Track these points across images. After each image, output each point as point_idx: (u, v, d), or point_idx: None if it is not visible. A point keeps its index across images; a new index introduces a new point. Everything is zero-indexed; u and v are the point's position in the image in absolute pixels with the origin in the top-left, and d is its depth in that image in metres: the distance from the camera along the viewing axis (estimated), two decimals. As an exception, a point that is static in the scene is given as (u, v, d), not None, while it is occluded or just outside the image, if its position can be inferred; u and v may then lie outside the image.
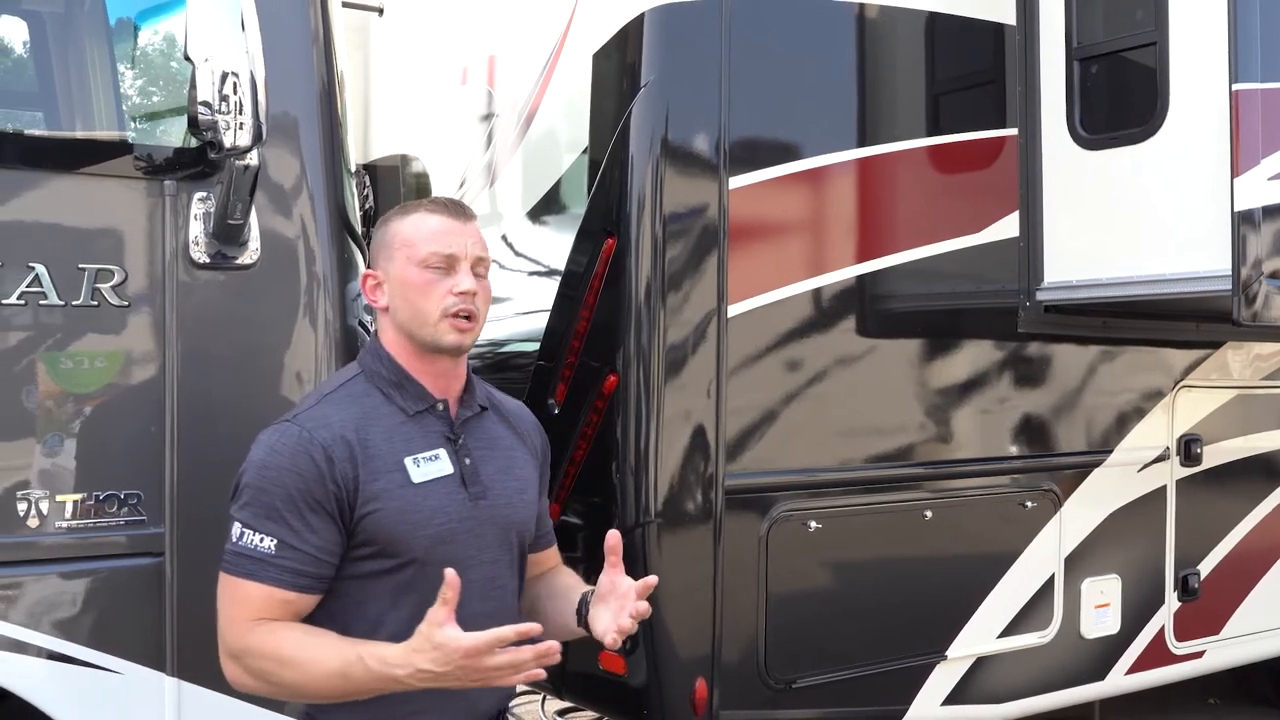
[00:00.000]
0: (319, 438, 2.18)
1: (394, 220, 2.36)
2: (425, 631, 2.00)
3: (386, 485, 2.20)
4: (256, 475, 2.17)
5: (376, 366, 2.32)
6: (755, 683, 3.79)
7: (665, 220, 3.64)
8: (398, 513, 2.20)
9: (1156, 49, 4.10)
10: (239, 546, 2.16)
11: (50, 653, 2.75)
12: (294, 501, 2.14)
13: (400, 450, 2.24)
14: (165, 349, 2.86)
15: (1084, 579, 4.58)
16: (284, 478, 2.15)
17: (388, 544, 2.20)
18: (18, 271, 2.71)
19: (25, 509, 2.74)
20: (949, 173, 4.25)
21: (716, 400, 3.69)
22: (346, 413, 2.24)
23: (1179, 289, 4.08)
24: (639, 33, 3.69)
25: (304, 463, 2.16)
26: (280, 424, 2.24)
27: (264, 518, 2.15)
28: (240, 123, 2.61)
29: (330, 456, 2.17)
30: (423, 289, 2.28)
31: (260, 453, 2.20)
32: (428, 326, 2.28)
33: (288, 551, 2.14)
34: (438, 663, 1.99)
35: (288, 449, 2.17)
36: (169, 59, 3.33)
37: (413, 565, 2.21)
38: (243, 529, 2.16)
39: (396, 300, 2.31)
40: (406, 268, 2.30)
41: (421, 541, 2.21)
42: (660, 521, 3.63)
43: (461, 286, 2.28)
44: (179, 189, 2.87)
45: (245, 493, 2.18)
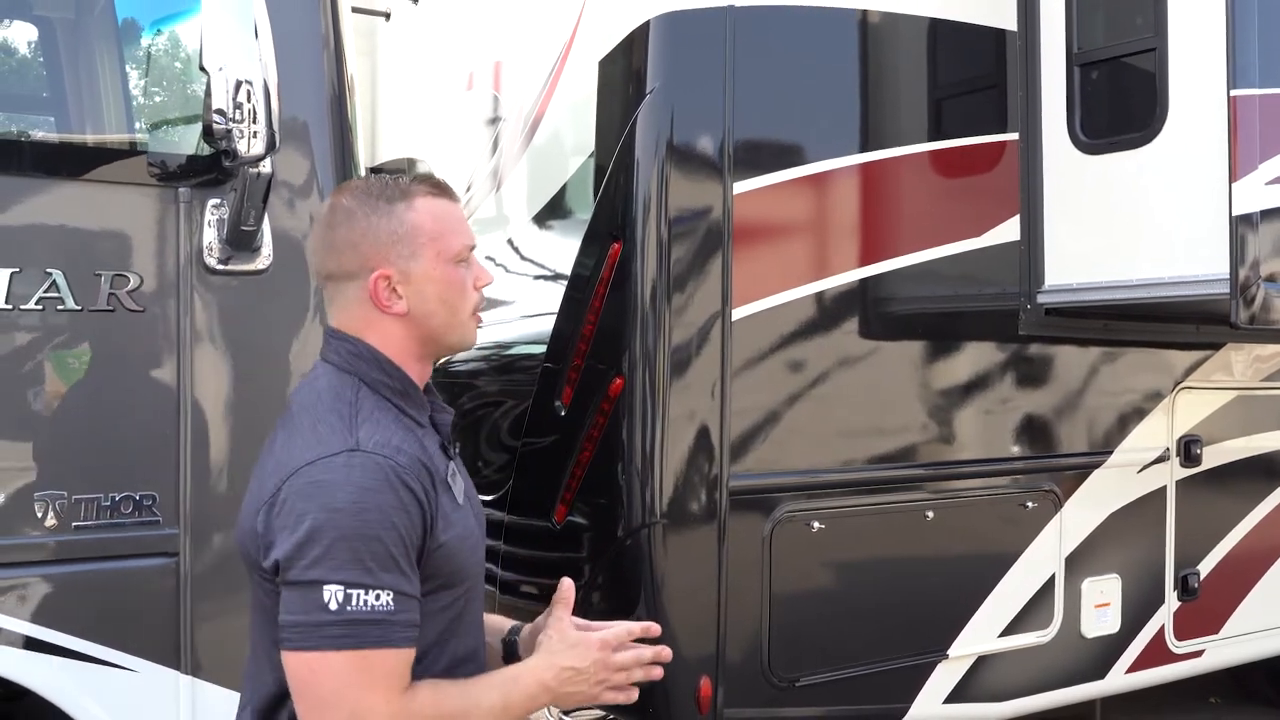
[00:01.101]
0: (403, 464, 1.85)
1: (399, 208, 1.97)
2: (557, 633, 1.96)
3: (445, 509, 1.92)
4: (353, 521, 1.78)
5: (378, 375, 1.96)
6: (759, 681, 3.83)
7: (671, 224, 3.68)
8: (459, 539, 1.95)
9: (1156, 54, 4.13)
10: (351, 613, 1.75)
11: (67, 651, 2.79)
12: (404, 543, 1.81)
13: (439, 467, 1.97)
14: (179, 353, 2.90)
15: (1084, 579, 4.62)
16: (391, 517, 1.80)
17: (451, 575, 1.94)
18: (36, 277, 2.75)
19: (42, 510, 2.77)
20: (951, 177, 4.29)
21: (721, 402, 3.73)
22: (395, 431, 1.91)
23: (1178, 292, 4.12)
24: (644, 40, 3.73)
25: (405, 496, 1.82)
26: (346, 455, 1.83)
27: (379, 570, 1.78)
28: (254, 131, 2.65)
29: (422, 485, 1.86)
30: (461, 288, 2.00)
31: (342, 495, 1.79)
32: (459, 328, 2.02)
33: (406, 602, 1.81)
34: (579, 658, 1.94)
35: (383, 483, 1.81)
36: (183, 67, 3.37)
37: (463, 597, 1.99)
38: (347, 590, 1.76)
39: (430, 303, 1.97)
40: (441, 266, 1.97)
41: (474, 567, 2.01)
42: (665, 522, 3.67)
43: (485, 279, 2.04)
44: (193, 196, 2.91)
45: (337, 547, 1.76)
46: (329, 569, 1.76)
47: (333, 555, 1.76)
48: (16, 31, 3.54)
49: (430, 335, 2.01)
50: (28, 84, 3.63)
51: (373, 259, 1.96)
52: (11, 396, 2.76)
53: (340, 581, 1.76)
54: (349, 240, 1.97)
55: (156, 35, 3.48)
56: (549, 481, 3.88)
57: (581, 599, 3.79)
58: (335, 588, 1.75)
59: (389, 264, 1.96)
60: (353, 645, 1.76)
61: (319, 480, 1.81)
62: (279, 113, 2.70)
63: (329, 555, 1.76)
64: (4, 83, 3.58)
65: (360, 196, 2.00)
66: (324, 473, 1.81)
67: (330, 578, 1.76)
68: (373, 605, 1.76)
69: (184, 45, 3.34)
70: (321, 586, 1.76)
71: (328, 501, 1.79)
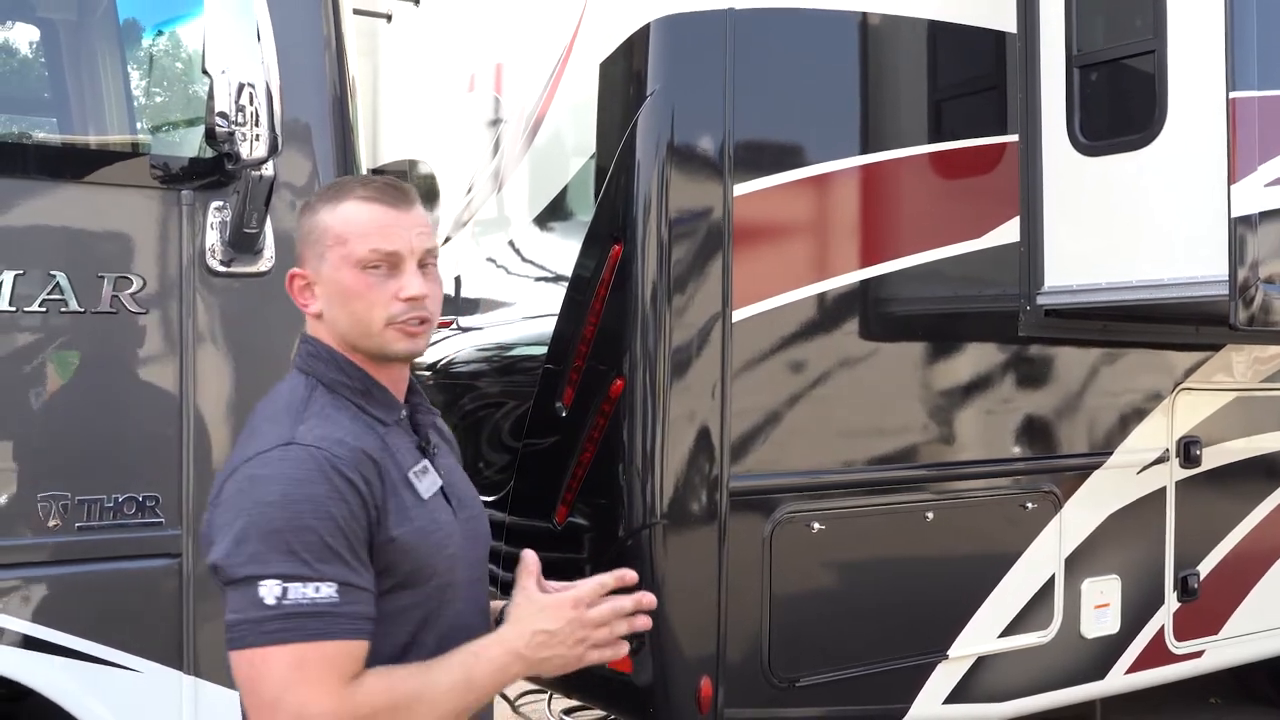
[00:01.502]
0: (342, 455, 1.81)
1: (321, 210, 1.95)
2: (523, 598, 1.92)
3: (402, 504, 1.88)
4: (282, 514, 1.74)
5: (336, 375, 1.93)
6: (759, 681, 3.84)
7: (671, 225, 3.70)
8: (420, 533, 1.89)
9: (1155, 57, 4.15)
10: (287, 607, 1.71)
11: (70, 651, 2.80)
12: (343, 532, 1.76)
13: (400, 463, 1.92)
14: (182, 355, 2.91)
15: (1084, 579, 4.63)
16: (325, 506, 1.75)
17: (411, 573, 1.88)
18: (40, 279, 2.77)
19: (46, 511, 2.79)
20: (951, 179, 4.30)
21: (721, 403, 3.74)
22: (344, 425, 1.87)
23: (1177, 294, 4.13)
24: (645, 42, 3.74)
25: (341, 484, 1.78)
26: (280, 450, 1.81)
27: (315, 561, 1.73)
28: (257, 134, 2.66)
29: (363, 475, 1.81)
30: (362, 295, 1.90)
31: (273, 488, 1.76)
32: (372, 338, 1.92)
33: (353, 594, 1.76)
34: (551, 620, 1.88)
35: (314, 473, 1.77)
36: (186, 69, 3.39)
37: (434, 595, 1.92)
38: (284, 584, 1.71)
39: (333, 308, 1.93)
40: (341, 270, 1.91)
41: (443, 564, 1.93)
42: (666, 523, 3.68)
43: (409, 290, 1.90)
44: (195, 198, 2.93)
45: (269, 541, 1.73)
46: (264, 563, 1.72)
47: (267, 549, 1.72)
48: (19, 33, 3.55)
49: (347, 341, 1.95)
50: (31, 86, 3.64)
51: (299, 258, 1.99)
52: (15, 398, 2.77)
53: (276, 575, 1.71)
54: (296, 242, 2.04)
55: (159, 38, 3.50)
56: (550, 482, 3.89)
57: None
58: (272, 582, 1.71)
59: (305, 263, 1.97)
60: (293, 639, 1.71)
61: (253, 475, 1.79)
62: (281, 115, 2.72)
63: (264, 550, 1.72)
64: (7, 85, 3.59)
65: (312, 198, 2.02)
66: (259, 468, 1.79)
67: (265, 572, 1.71)
68: (312, 598, 1.72)
69: (186, 48, 3.36)
70: (258, 582, 1.72)
71: (260, 496, 1.76)
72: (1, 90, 3.59)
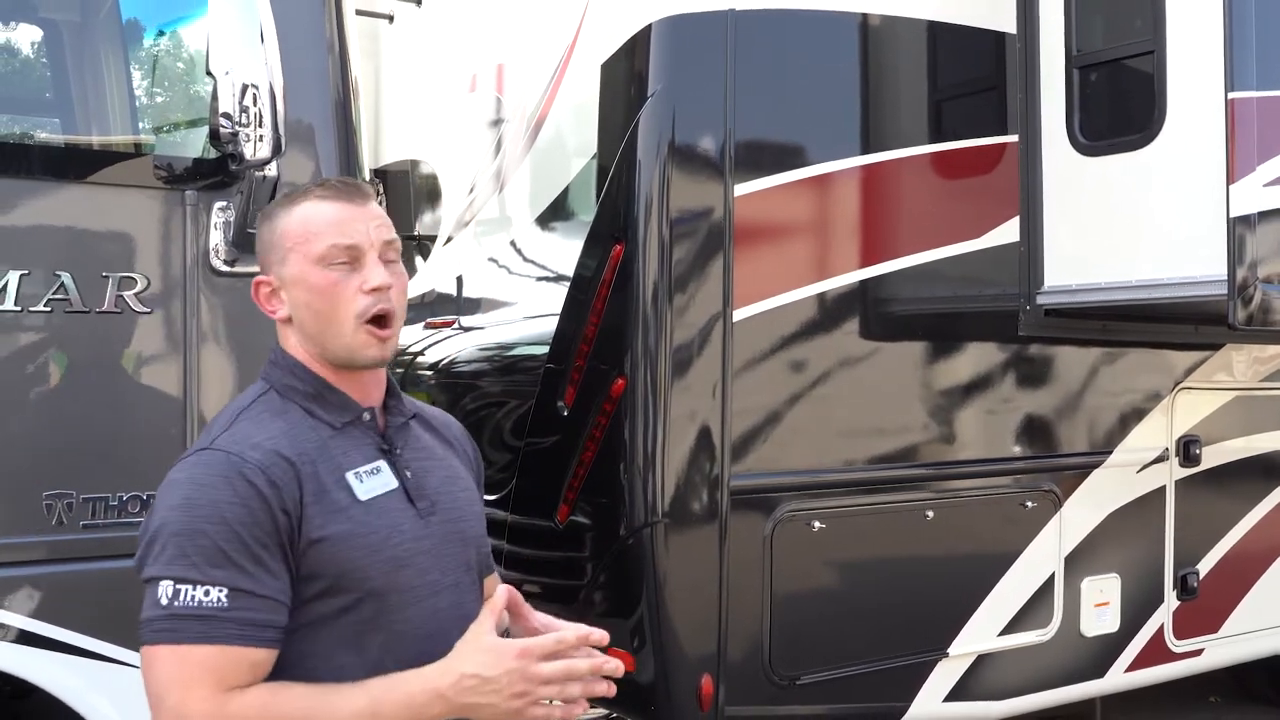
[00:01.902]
0: (251, 459, 1.79)
1: (279, 215, 1.95)
2: (472, 636, 1.82)
3: (331, 505, 1.84)
4: (183, 517, 1.75)
5: (289, 380, 1.93)
6: (760, 679, 3.86)
7: (672, 225, 3.71)
8: (349, 536, 1.83)
9: (1154, 57, 4.16)
10: (175, 608, 1.72)
11: (75, 648, 2.82)
12: (240, 538, 1.74)
13: (339, 464, 1.89)
14: (186, 354, 2.93)
15: (1084, 578, 4.64)
16: (221, 511, 1.75)
17: (339, 576, 1.83)
18: (45, 279, 2.79)
19: (50, 509, 2.81)
20: (951, 179, 4.31)
21: (722, 403, 3.76)
22: (270, 428, 1.86)
23: (1176, 293, 4.14)
24: (646, 43, 3.76)
25: (243, 489, 1.77)
26: (193, 455, 1.84)
27: (206, 565, 1.72)
28: (260, 135, 2.68)
29: (271, 479, 1.79)
30: (328, 291, 1.89)
31: (179, 492, 1.78)
32: (343, 338, 1.91)
33: (245, 600, 1.73)
34: (487, 666, 1.78)
35: (217, 478, 1.77)
36: (190, 70, 3.40)
37: (371, 600, 1.85)
38: (175, 585, 1.72)
39: (300, 310, 1.92)
40: (304, 268, 1.90)
41: (379, 566, 1.85)
42: (667, 521, 3.70)
43: (373, 281, 1.89)
44: (199, 198, 2.94)
45: (169, 544, 1.74)
46: (162, 565, 1.75)
47: (165, 551, 1.75)
48: (23, 34, 3.57)
49: (317, 344, 1.94)
50: (36, 87, 3.66)
51: (261, 266, 1.99)
52: (20, 396, 2.79)
53: (170, 577, 1.74)
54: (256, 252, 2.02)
55: (163, 39, 3.52)
56: (551, 481, 3.91)
57: (583, 598, 3.85)
58: (167, 583, 1.74)
59: (269, 270, 1.96)
60: (173, 640, 1.72)
61: (170, 479, 1.83)
62: (285, 116, 2.73)
63: (163, 552, 1.75)
64: (13, 85, 3.61)
65: (271, 204, 2.03)
66: (175, 472, 1.83)
67: (163, 574, 1.74)
68: (200, 600, 1.72)
69: (190, 49, 3.37)
70: (157, 583, 1.75)
71: (168, 500, 1.79)
72: (7, 91, 3.61)
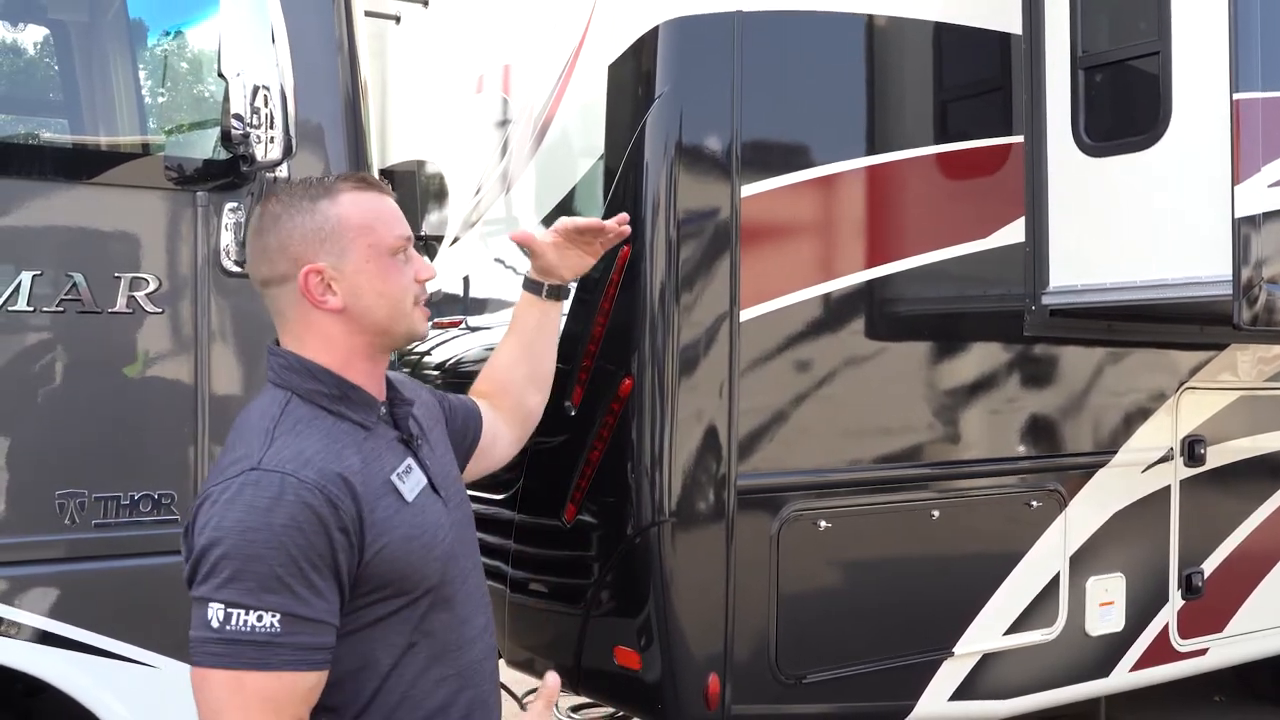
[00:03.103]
0: (307, 479, 1.79)
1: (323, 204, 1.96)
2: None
3: (385, 513, 1.88)
4: (237, 540, 1.75)
5: (310, 384, 1.94)
6: (766, 678, 3.87)
7: (679, 226, 3.73)
8: (405, 540, 1.88)
9: (1160, 58, 4.17)
10: (229, 633, 1.72)
11: (87, 646, 2.85)
12: (295, 563, 1.75)
13: (381, 470, 1.92)
14: (197, 354, 2.95)
15: (1089, 577, 4.65)
16: (279, 536, 1.75)
17: (401, 580, 1.88)
18: (57, 279, 2.81)
19: (63, 508, 2.83)
20: (956, 179, 4.32)
21: (729, 402, 3.77)
22: (312, 441, 1.86)
23: (1181, 294, 4.15)
24: (653, 44, 3.77)
25: (300, 514, 1.77)
26: (242, 475, 1.81)
27: (260, 590, 1.73)
28: (271, 136, 2.70)
29: (329, 498, 1.80)
30: (398, 280, 1.98)
31: (234, 513, 1.77)
32: (405, 320, 2.00)
33: (298, 625, 1.75)
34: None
35: (275, 502, 1.77)
36: (201, 71, 3.42)
37: (426, 596, 1.92)
38: (228, 609, 1.73)
39: (366, 298, 1.96)
40: (376, 259, 1.96)
41: (434, 565, 1.93)
42: (674, 521, 3.71)
43: (426, 273, 2.04)
44: (210, 199, 2.97)
45: (223, 565, 1.74)
46: (213, 587, 1.75)
47: (217, 574, 1.75)
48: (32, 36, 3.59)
49: (374, 329, 1.98)
50: (47, 89, 3.68)
51: (302, 257, 1.95)
52: (33, 396, 2.82)
53: (222, 601, 1.74)
54: (279, 244, 1.97)
55: (172, 40, 3.53)
56: (559, 480, 3.92)
57: (590, 597, 3.86)
58: (217, 606, 1.74)
59: (319, 260, 1.95)
60: (228, 665, 1.73)
61: (217, 499, 1.80)
62: (295, 117, 2.75)
63: (214, 574, 1.75)
64: (25, 87, 3.63)
65: (286, 199, 1.99)
66: (223, 492, 1.80)
67: (214, 596, 1.74)
68: (253, 626, 1.73)
69: (200, 50, 3.39)
70: (207, 604, 1.75)
71: (220, 521, 1.77)
72: (19, 93, 3.63)
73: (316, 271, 1.94)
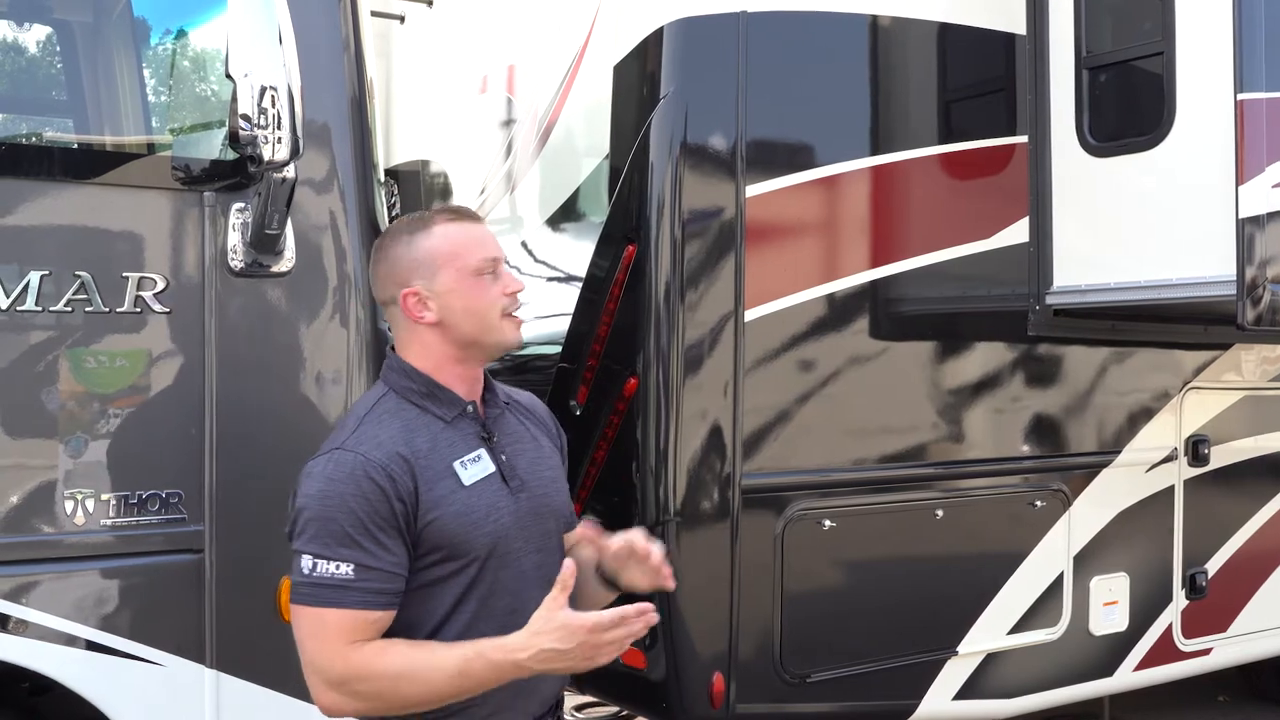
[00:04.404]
0: (375, 458, 2.19)
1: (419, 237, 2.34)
2: (546, 614, 2.12)
3: (443, 492, 2.24)
4: (318, 505, 2.17)
5: (405, 383, 2.33)
6: (771, 677, 3.88)
7: (685, 226, 3.74)
8: (457, 516, 2.24)
9: (1164, 59, 4.18)
10: (314, 578, 2.15)
11: (95, 645, 2.86)
12: (363, 524, 2.16)
13: (447, 456, 2.28)
14: (205, 353, 2.96)
15: (1093, 577, 4.66)
16: (349, 503, 2.16)
17: (452, 547, 2.24)
18: (65, 279, 2.82)
19: (71, 507, 2.84)
20: (961, 179, 4.33)
21: (734, 402, 3.78)
22: (389, 429, 2.26)
23: (1185, 294, 4.16)
24: (659, 45, 3.79)
25: (366, 485, 2.17)
26: (328, 453, 2.24)
27: (336, 545, 2.15)
28: (279, 137, 2.70)
29: (390, 474, 2.19)
30: (482, 296, 2.33)
31: (317, 484, 2.20)
32: (494, 332, 2.34)
33: (366, 573, 2.15)
34: (562, 640, 2.10)
35: (346, 475, 2.18)
36: (207, 72, 3.43)
37: (475, 564, 2.27)
38: (314, 560, 2.16)
39: (456, 314, 2.32)
40: (463, 280, 2.32)
41: (481, 540, 2.27)
42: (679, 520, 3.72)
43: (513, 286, 2.36)
44: (217, 200, 2.97)
45: (309, 526, 2.17)
46: (303, 542, 2.18)
47: (304, 532, 2.18)
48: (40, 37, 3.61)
49: (464, 341, 2.33)
50: (55, 90, 3.69)
51: (403, 282, 2.33)
52: (41, 396, 2.82)
53: (310, 553, 2.16)
54: (386, 272, 2.37)
55: (178, 41, 3.54)
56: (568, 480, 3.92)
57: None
58: (307, 557, 2.16)
59: (414, 283, 2.32)
60: (310, 603, 2.16)
61: (309, 473, 2.24)
62: (303, 118, 2.76)
63: (303, 531, 2.18)
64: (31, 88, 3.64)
65: (392, 235, 2.39)
66: (314, 467, 2.24)
67: (304, 549, 2.17)
68: (332, 573, 2.14)
69: (207, 51, 3.40)
70: (300, 556, 2.17)
71: (307, 490, 2.21)
72: (25, 94, 3.64)
73: (414, 293, 2.31)
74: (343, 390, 3.13)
